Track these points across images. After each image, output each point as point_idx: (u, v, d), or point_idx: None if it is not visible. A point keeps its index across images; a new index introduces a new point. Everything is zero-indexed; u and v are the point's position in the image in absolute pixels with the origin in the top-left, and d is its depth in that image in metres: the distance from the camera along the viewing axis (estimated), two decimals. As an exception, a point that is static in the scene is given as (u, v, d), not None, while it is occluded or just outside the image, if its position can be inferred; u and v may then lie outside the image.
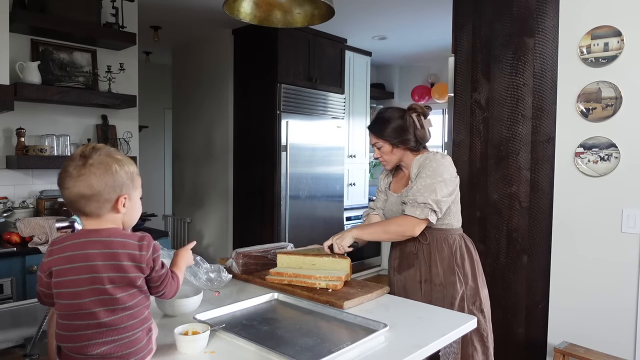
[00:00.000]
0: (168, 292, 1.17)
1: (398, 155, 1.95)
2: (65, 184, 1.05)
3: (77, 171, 1.04)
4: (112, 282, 1.04)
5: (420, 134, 1.91)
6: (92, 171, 1.04)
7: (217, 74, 4.69)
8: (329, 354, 1.20)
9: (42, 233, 2.66)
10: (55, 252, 1.06)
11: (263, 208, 4.30)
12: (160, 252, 1.13)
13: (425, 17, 4.07)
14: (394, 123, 1.91)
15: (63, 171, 1.07)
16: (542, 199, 2.50)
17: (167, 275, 1.15)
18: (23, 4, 2.82)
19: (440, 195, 1.79)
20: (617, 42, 2.22)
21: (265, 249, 2.08)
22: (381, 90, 5.97)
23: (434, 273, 1.87)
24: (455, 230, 1.93)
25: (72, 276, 1.03)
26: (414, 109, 1.92)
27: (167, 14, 4.05)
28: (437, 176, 1.81)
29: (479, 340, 1.86)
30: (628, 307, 2.23)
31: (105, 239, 1.06)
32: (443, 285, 1.85)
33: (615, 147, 2.24)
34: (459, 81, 2.80)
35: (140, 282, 1.08)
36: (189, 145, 5.10)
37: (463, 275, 1.87)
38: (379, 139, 1.94)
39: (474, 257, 1.93)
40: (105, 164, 1.06)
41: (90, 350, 1.04)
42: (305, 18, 1.88)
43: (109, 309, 1.04)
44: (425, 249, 1.90)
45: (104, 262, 1.04)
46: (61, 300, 1.05)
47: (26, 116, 2.95)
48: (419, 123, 1.90)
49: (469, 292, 1.87)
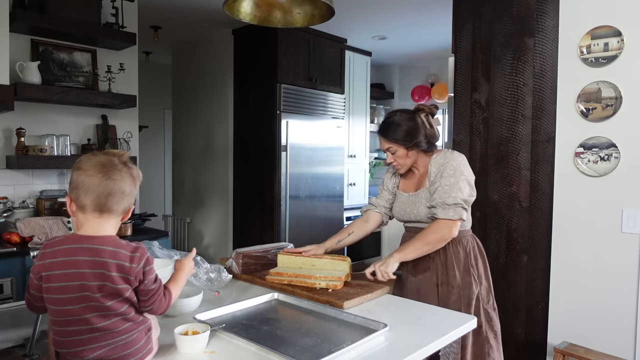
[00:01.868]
0: (157, 309, 1.13)
1: (412, 157, 1.94)
2: (113, 174, 1.08)
3: (124, 170, 1.11)
4: (101, 290, 1.03)
5: (430, 133, 1.91)
6: (132, 177, 1.12)
7: (217, 74, 4.69)
8: (329, 354, 1.20)
9: (42, 233, 2.66)
10: (47, 256, 1.05)
11: (263, 208, 4.30)
12: (154, 266, 1.12)
13: (425, 17, 4.07)
14: (405, 125, 1.89)
15: (106, 162, 1.09)
16: (542, 199, 2.50)
17: (157, 291, 1.12)
18: (23, 4, 2.82)
19: (466, 194, 1.81)
20: (617, 42, 2.22)
21: (265, 249, 2.08)
22: (381, 90, 5.97)
23: (451, 275, 1.87)
24: (468, 232, 1.95)
25: (62, 282, 1.03)
26: (421, 109, 1.92)
27: (167, 14, 4.05)
28: (460, 174, 1.82)
29: (494, 338, 1.88)
30: (628, 307, 2.23)
31: (97, 247, 1.05)
32: (460, 287, 1.86)
33: (615, 147, 2.24)
34: (459, 81, 2.80)
35: (128, 293, 1.05)
36: (189, 145, 5.10)
37: (478, 275, 1.89)
38: (392, 144, 1.91)
39: (484, 257, 1.95)
40: (138, 178, 1.16)
41: (85, 355, 1.03)
42: (305, 18, 1.88)
43: (101, 314, 1.03)
44: (441, 252, 1.89)
45: (92, 271, 1.03)
46: (52, 305, 1.04)
47: (26, 116, 2.95)
48: (428, 123, 1.91)
49: (483, 291, 1.89)
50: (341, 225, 4.83)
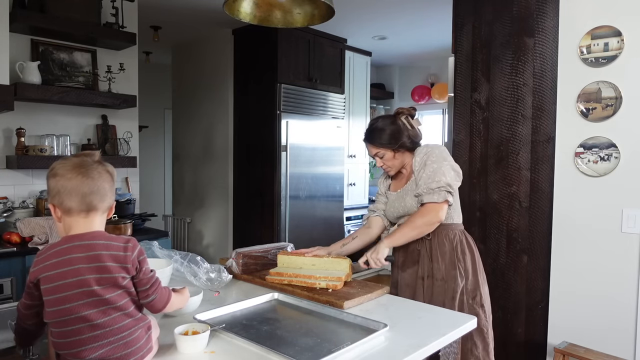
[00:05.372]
0: (159, 299, 1.14)
1: (400, 158, 2.01)
2: (90, 173, 1.10)
3: (100, 168, 1.13)
4: (99, 283, 1.04)
5: (412, 133, 1.99)
6: (109, 173, 1.15)
7: (217, 74, 4.69)
8: (329, 354, 1.20)
9: (42, 233, 2.66)
10: (41, 262, 1.06)
11: (263, 208, 4.30)
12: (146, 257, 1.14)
13: (425, 17, 4.07)
14: (388, 130, 1.97)
15: (80, 163, 1.11)
16: (542, 199, 2.50)
17: (157, 281, 1.14)
18: (23, 4, 2.82)
19: (450, 178, 1.85)
20: (617, 42, 2.22)
21: (265, 249, 2.08)
22: (381, 90, 5.97)
23: (436, 268, 1.90)
24: (457, 226, 1.96)
25: (59, 281, 1.04)
26: (401, 112, 2.01)
27: (167, 14, 4.05)
28: (442, 160, 1.88)
29: (479, 336, 1.87)
30: (628, 307, 2.23)
31: (88, 242, 1.07)
32: (444, 280, 1.88)
33: (615, 147, 2.24)
34: (459, 81, 2.80)
35: (125, 282, 1.07)
36: (189, 145, 5.10)
37: (464, 269, 1.89)
38: (379, 148, 1.99)
39: (475, 253, 1.96)
40: (114, 174, 1.18)
41: (86, 355, 1.03)
42: (305, 18, 1.88)
43: (100, 310, 1.04)
44: (427, 245, 1.93)
45: (88, 265, 1.04)
46: (51, 307, 1.05)
47: (26, 116, 2.95)
48: (409, 124, 1.99)
49: (469, 286, 1.89)
50: (341, 225, 4.83)
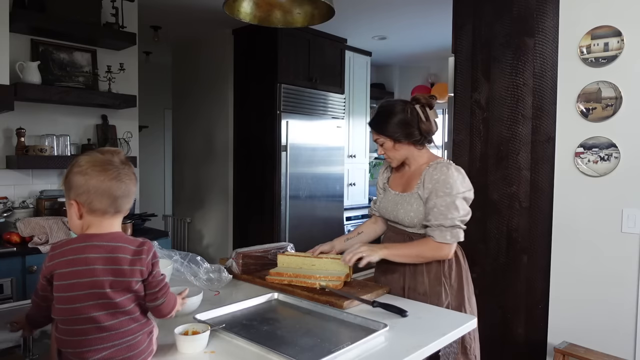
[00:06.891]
0: (167, 303, 1.14)
1: (402, 151, 1.81)
2: (122, 177, 1.10)
3: (128, 170, 1.13)
4: (112, 286, 1.04)
5: (425, 127, 1.76)
6: (134, 175, 1.15)
7: (217, 74, 4.69)
8: (329, 354, 1.20)
9: (42, 233, 2.66)
10: (56, 257, 1.06)
11: (263, 208, 4.30)
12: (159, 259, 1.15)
13: (425, 17, 4.07)
14: (396, 117, 1.76)
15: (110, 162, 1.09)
16: (542, 199, 2.50)
17: (166, 285, 1.14)
18: (23, 4, 2.82)
19: (463, 212, 1.70)
20: (617, 42, 2.22)
21: (265, 249, 2.08)
22: (381, 90, 5.97)
23: (419, 281, 1.78)
24: None
25: (72, 280, 1.03)
26: (417, 99, 1.77)
27: (167, 14, 4.05)
28: (456, 193, 1.69)
29: (462, 352, 1.73)
30: (628, 307, 2.23)
31: (107, 244, 1.07)
32: (427, 295, 1.76)
33: (615, 147, 2.24)
34: (459, 81, 2.80)
35: (137, 286, 1.07)
36: (189, 145, 5.10)
37: (449, 285, 1.77)
38: (380, 135, 1.80)
39: (462, 267, 1.82)
40: (136, 175, 1.18)
41: (90, 356, 1.03)
42: (305, 18, 1.88)
43: (109, 312, 1.04)
44: None
45: (104, 267, 1.04)
46: (60, 304, 1.05)
47: (26, 116, 2.95)
48: (423, 115, 1.76)
49: (454, 302, 1.77)
50: (341, 225, 4.83)
